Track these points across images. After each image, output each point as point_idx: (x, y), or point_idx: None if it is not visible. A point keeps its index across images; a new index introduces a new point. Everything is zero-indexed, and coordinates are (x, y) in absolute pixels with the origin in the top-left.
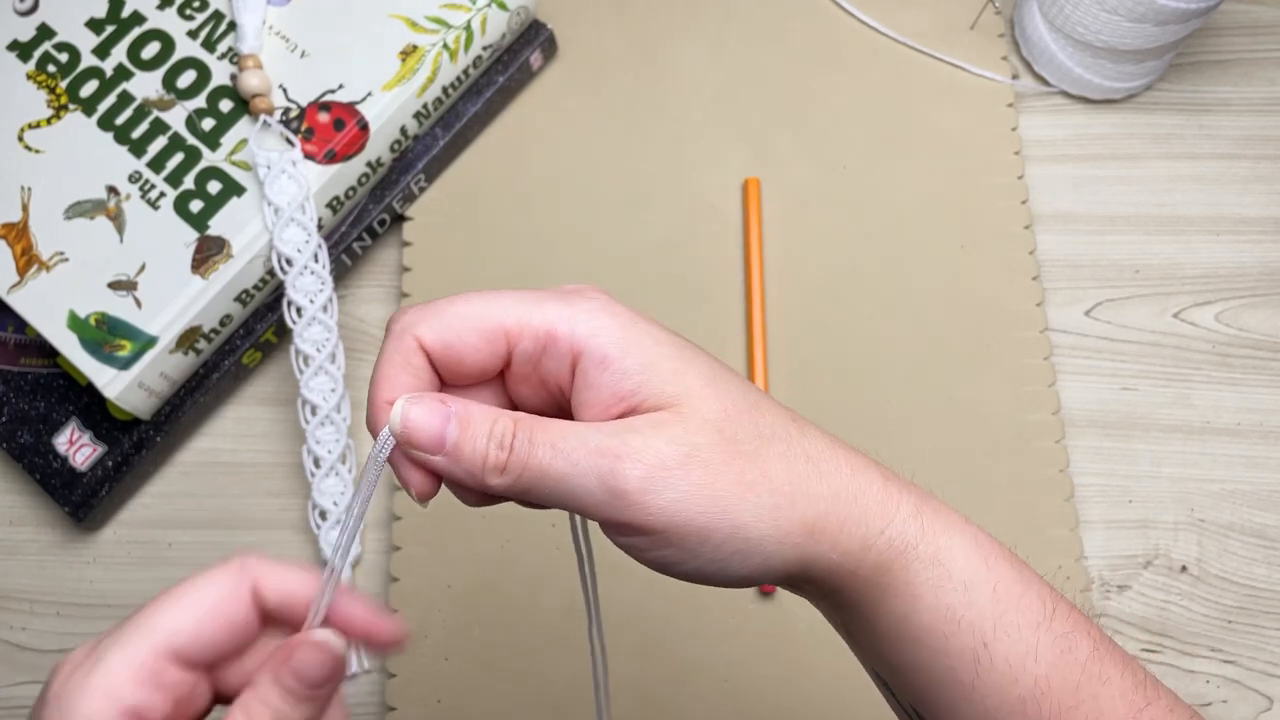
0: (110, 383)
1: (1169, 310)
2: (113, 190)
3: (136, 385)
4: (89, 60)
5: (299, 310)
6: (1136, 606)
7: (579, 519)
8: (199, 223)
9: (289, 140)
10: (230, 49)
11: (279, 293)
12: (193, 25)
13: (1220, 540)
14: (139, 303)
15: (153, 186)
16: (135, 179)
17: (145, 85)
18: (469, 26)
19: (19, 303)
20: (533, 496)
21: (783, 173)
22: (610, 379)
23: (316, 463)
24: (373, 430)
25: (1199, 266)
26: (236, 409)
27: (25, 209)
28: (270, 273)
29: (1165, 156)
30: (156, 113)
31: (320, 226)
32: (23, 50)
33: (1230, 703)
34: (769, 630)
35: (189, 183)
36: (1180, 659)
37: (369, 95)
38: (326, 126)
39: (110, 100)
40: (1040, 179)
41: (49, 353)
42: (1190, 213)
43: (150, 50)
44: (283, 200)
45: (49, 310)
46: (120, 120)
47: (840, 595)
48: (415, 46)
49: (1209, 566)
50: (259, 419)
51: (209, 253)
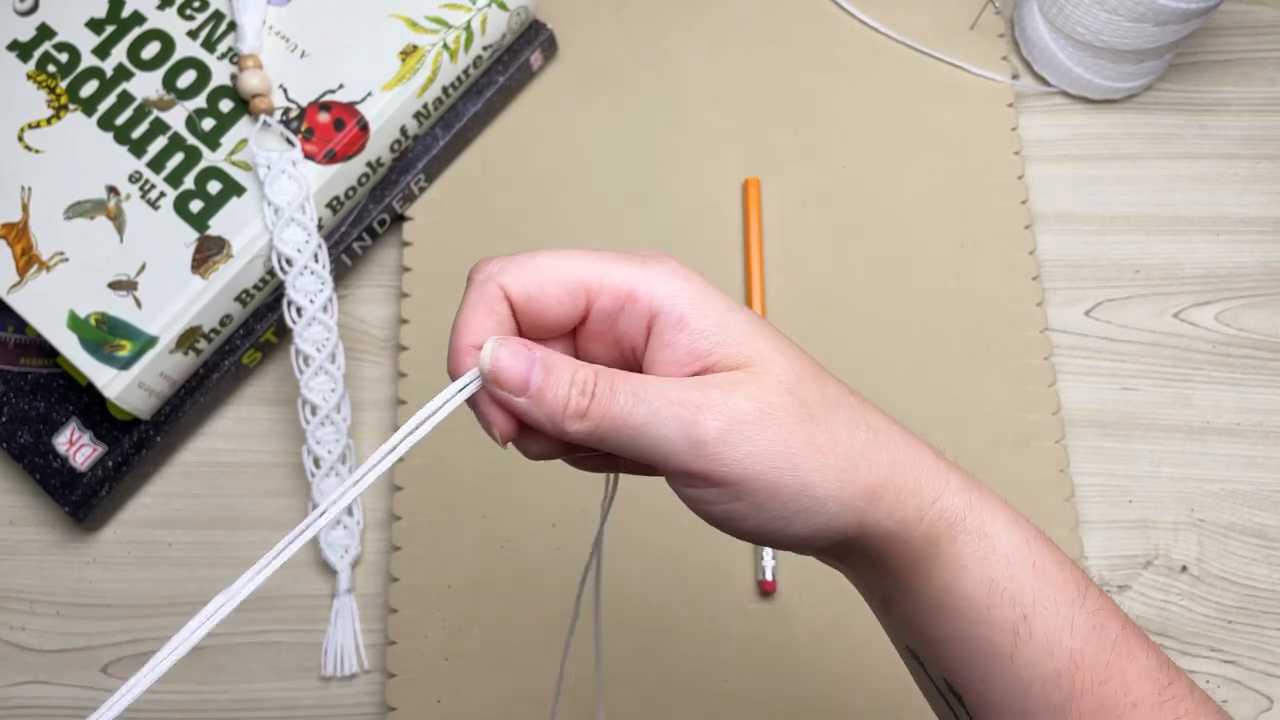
0: (110, 383)
1: (1169, 310)
2: (113, 190)
3: (136, 385)
4: (89, 60)
5: (299, 310)
6: (1136, 606)
7: (606, 518)
8: (199, 223)
9: (289, 140)
10: (230, 49)
11: (279, 293)
12: (193, 25)
13: (1220, 540)
14: (139, 303)
15: (153, 186)
16: (135, 179)
17: (145, 85)
18: (469, 26)
19: (19, 303)
20: (608, 444)
21: (783, 173)
22: (687, 338)
23: (316, 463)
24: (453, 375)
25: (1199, 266)
26: (236, 409)
27: (25, 209)
28: (270, 273)
29: (1165, 156)
30: (156, 113)
31: (320, 226)
32: (23, 50)
33: (1230, 703)
34: (769, 630)
35: (189, 183)
36: (1180, 659)
37: (369, 95)
38: (326, 126)
39: (110, 100)
40: (1040, 179)
41: (49, 353)
42: (1190, 213)
43: (150, 50)
44: (283, 200)
45: (49, 310)
46: (120, 120)
47: (888, 563)
48: (415, 46)
49: (1209, 566)
50: (259, 419)
51: (209, 253)
